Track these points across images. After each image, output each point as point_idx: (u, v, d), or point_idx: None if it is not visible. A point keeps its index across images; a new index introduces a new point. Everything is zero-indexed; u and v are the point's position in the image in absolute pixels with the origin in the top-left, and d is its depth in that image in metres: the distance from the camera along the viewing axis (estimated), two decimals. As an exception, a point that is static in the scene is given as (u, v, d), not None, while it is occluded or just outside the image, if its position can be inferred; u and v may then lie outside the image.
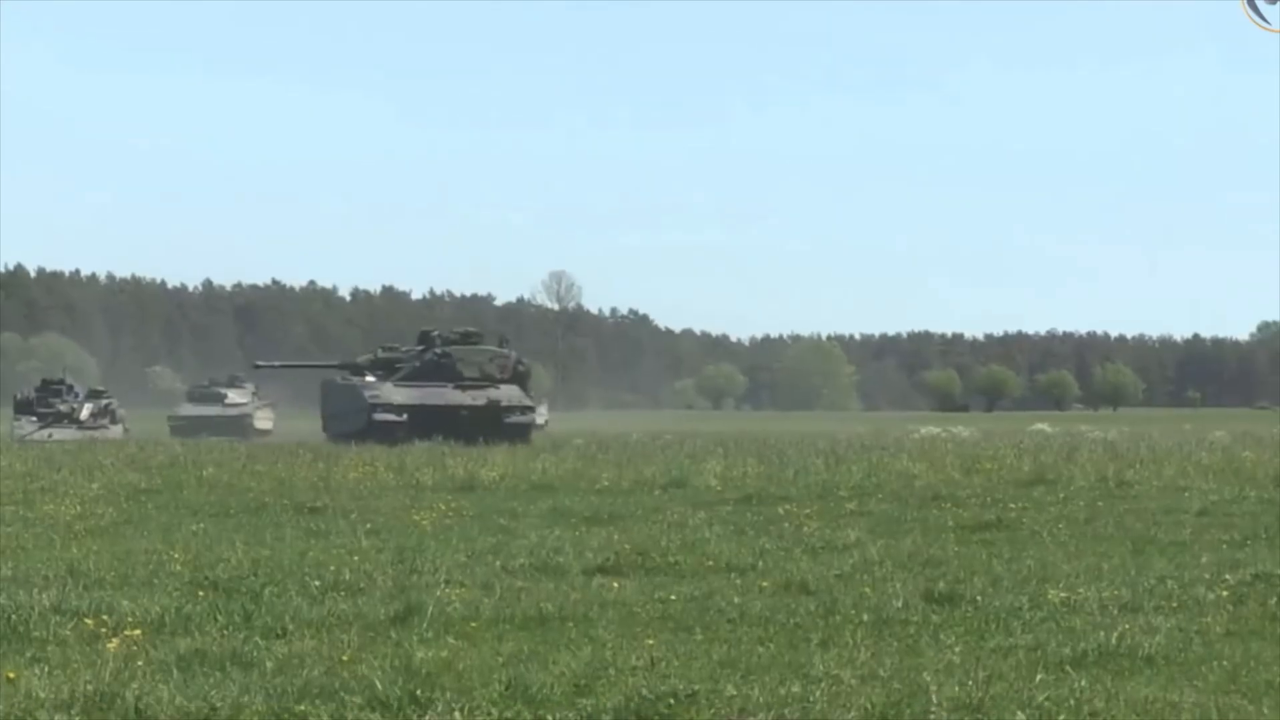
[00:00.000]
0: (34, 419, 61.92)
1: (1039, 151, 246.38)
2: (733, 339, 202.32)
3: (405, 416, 47.63)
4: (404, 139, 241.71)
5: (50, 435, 58.22)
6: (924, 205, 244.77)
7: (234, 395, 75.46)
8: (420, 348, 52.51)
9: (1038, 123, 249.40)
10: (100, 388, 70.70)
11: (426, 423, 46.43)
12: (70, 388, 66.25)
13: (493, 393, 49.80)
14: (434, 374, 50.40)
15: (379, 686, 8.05)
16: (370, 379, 50.95)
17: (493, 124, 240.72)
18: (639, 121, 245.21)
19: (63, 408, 63.63)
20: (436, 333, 53.73)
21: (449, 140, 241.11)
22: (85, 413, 63.43)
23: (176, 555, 14.28)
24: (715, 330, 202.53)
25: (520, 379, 52.06)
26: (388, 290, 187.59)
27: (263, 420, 73.90)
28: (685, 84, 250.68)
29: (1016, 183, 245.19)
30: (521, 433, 48.26)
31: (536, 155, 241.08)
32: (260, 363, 64.57)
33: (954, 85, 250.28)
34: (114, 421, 64.13)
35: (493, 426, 47.52)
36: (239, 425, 70.21)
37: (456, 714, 7.66)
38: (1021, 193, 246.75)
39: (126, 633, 9.88)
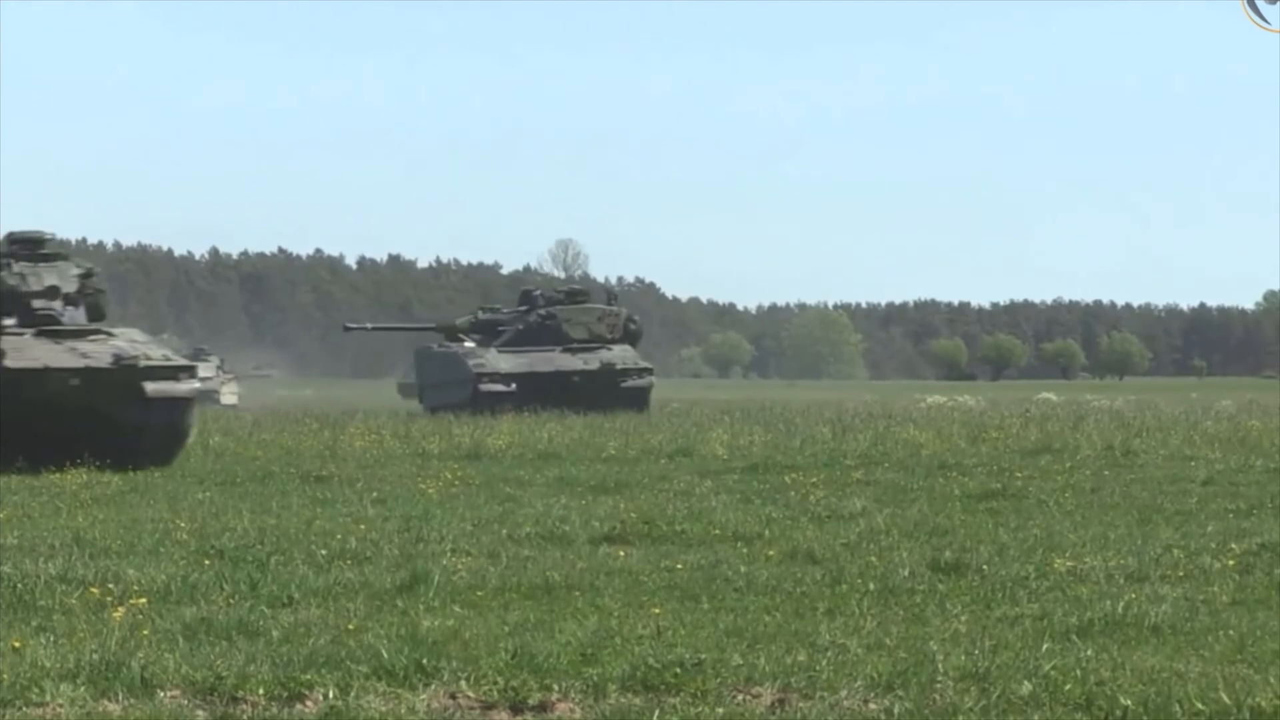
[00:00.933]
0: None
1: (1045, 120, 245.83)
2: (739, 307, 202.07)
3: (514, 386, 43.28)
4: (408, 108, 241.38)
5: None
6: (928, 172, 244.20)
7: (198, 369, 71.59)
8: (522, 308, 47.80)
9: (1045, 92, 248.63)
10: None
11: (536, 391, 42.38)
12: None
13: (605, 355, 45.12)
14: (539, 337, 45.86)
15: (385, 655, 8.06)
16: (469, 344, 46.35)
17: (495, 90, 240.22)
18: (643, 84, 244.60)
19: None
20: (539, 292, 48.79)
21: (453, 106, 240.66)
22: None
23: (183, 524, 14.30)
24: (722, 299, 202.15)
25: (632, 338, 47.34)
26: (394, 259, 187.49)
27: (228, 395, 70.32)
28: (688, 43, 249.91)
29: (1023, 151, 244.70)
30: (640, 398, 44.15)
31: (540, 121, 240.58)
32: (350, 324, 56.87)
33: (958, 48, 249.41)
34: None
35: (608, 392, 43.24)
36: (202, 401, 66.99)
37: (462, 683, 7.67)
38: (1028, 161, 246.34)
39: (132, 601, 9.90)
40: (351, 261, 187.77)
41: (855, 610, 9.82)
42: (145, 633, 8.86)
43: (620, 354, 45.56)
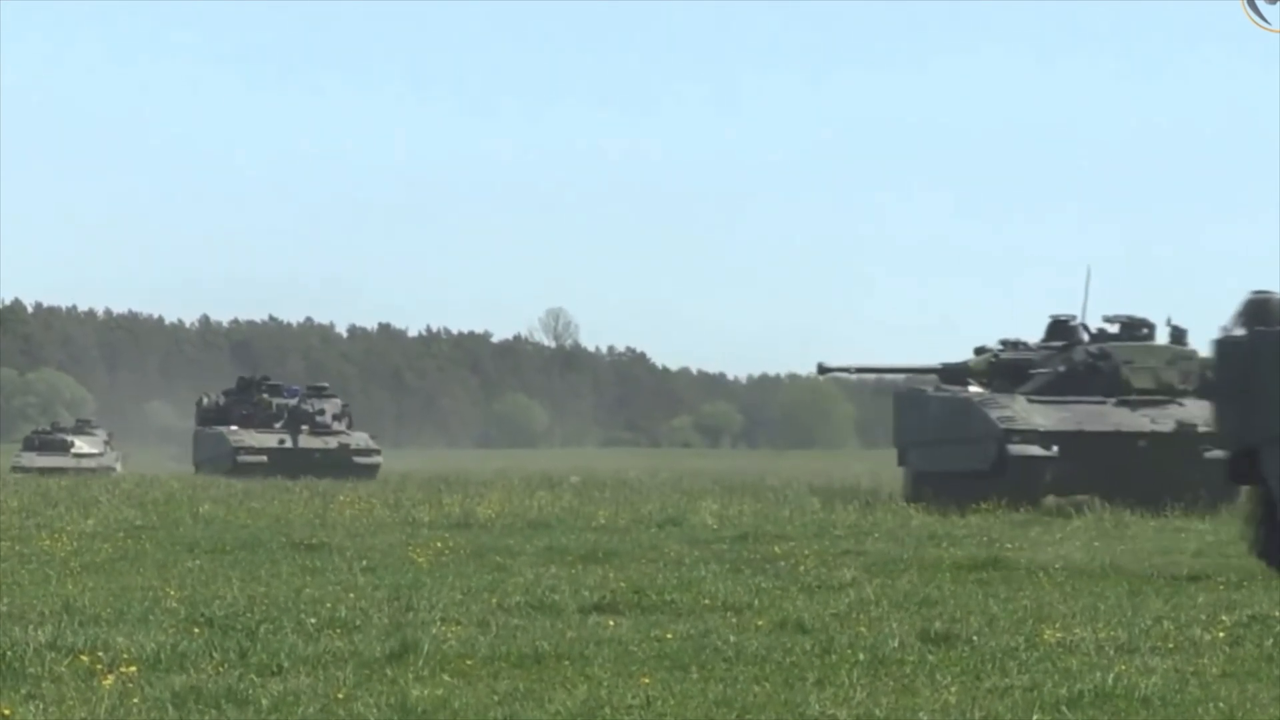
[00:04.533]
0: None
1: (1037, 180, 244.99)
2: (730, 377, 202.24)
3: (1055, 449, 30.34)
4: (398, 174, 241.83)
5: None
6: (917, 236, 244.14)
7: (82, 443, 65.12)
8: (1059, 344, 34.65)
9: (1035, 115, 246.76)
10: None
11: (1083, 457, 30.51)
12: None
13: (1179, 412, 32.13)
14: (1085, 384, 33.00)
15: (374, 724, 8.05)
16: (974, 389, 33.47)
17: (487, 158, 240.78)
18: (633, 150, 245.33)
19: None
20: (1078, 321, 35.41)
21: (443, 174, 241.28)
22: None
23: (172, 592, 14.28)
24: (712, 368, 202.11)
25: None
26: (384, 327, 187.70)
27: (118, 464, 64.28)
28: (676, 108, 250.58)
29: (1010, 213, 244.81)
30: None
31: (529, 188, 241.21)
32: (829, 366, 41.42)
33: (944, 96, 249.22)
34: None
35: (1182, 461, 30.66)
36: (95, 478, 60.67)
37: (452, 752, 7.66)
38: (1013, 215, 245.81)
39: (122, 669, 9.88)
40: (342, 330, 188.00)
41: (845, 681, 9.81)
42: (135, 701, 8.85)
43: (1198, 413, 32.02)
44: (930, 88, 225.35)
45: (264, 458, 49.75)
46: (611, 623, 12.47)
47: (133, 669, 9.92)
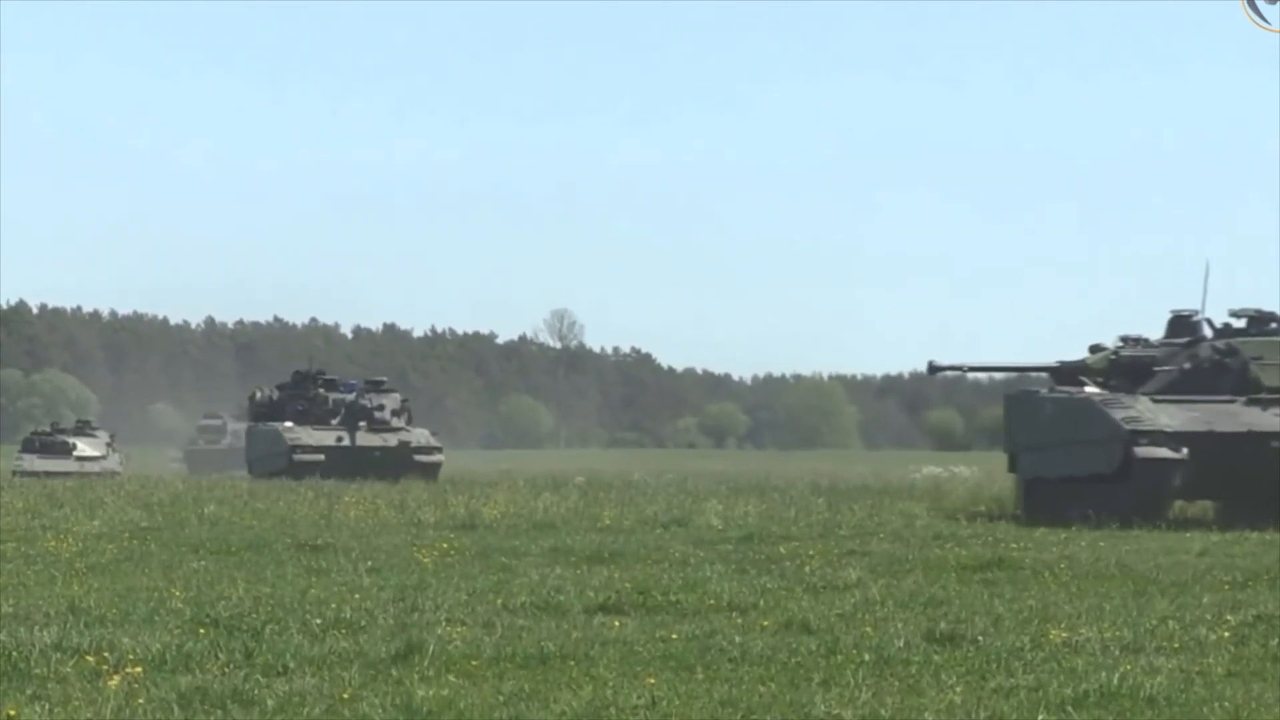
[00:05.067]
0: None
1: (1038, 183, 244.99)
2: (735, 378, 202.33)
3: (1184, 451, 27.22)
4: (403, 174, 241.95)
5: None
6: (923, 240, 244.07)
7: (85, 445, 62.30)
8: (1181, 341, 31.66)
9: (1035, 139, 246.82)
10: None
11: (1212, 460, 27.42)
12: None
13: None
14: (1210, 382, 30.03)
15: (380, 725, 8.05)
16: (1090, 390, 30.31)
17: (492, 158, 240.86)
18: (637, 153, 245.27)
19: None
20: (1201, 316, 32.10)
21: (449, 174, 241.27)
22: None
23: (177, 592, 14.30)
24: (717, 369, 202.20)
25: None
26: (389, 328, 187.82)
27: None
28: (680, 113, 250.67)
29: (1012, 216, 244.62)
30: None
31: (535, 190, 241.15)
32: (937, 363, 36.93)
33: (945, 99, 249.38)
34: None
35: None
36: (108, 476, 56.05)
37: (457, 753, 7.66)
38: (1020, 225, 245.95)
39: (127, 670, 9.89)
40: (347, 330, 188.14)
41: (850, 681, 9.82)
42: (140, 701, 8.85)
43: None
44: (930, 90, 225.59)
45: (321, 456, 47.81)
46: (617, 623, 12.48)
47: (138, 669, 9.93)
